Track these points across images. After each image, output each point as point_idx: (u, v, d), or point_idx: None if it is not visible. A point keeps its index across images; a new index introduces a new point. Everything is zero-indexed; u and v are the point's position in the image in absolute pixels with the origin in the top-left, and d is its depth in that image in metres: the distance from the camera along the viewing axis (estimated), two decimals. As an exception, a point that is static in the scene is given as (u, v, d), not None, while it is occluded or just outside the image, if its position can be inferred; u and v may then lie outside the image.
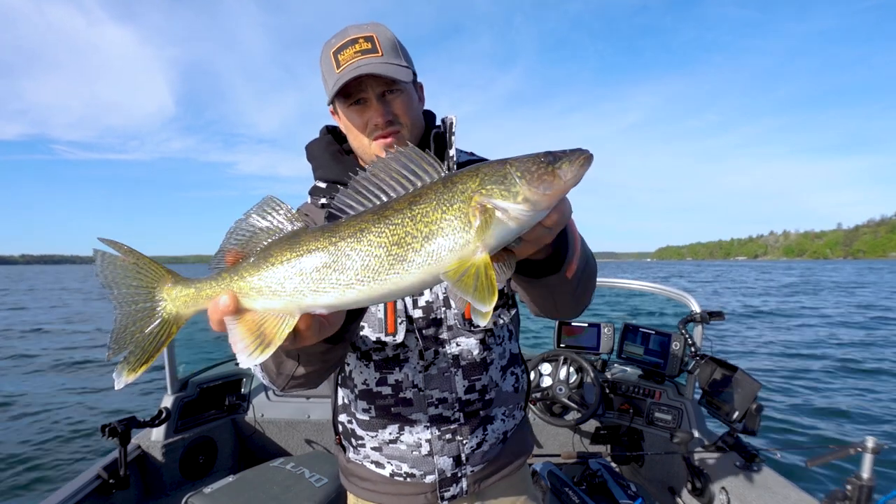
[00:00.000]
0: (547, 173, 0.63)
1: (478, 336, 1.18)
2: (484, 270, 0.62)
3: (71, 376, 9.18)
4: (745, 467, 2.43)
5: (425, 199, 0.64)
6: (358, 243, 0.64)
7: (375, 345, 1.14)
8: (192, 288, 0.70)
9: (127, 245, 0.70)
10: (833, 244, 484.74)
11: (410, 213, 0.64)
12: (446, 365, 1.16)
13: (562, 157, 0.65)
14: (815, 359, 10.20)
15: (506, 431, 1.27)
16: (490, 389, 1.21)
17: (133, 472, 2.64)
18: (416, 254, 0.63)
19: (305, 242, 0.67)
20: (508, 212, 0.63)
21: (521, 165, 0.65)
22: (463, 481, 1.21)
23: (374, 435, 1.20)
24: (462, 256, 0.63)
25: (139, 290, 0.71)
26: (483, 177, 0.65)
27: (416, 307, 1.15)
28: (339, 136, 1.25)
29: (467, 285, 0.61)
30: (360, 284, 0.64)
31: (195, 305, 0.71)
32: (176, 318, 0.71)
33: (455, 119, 1.18)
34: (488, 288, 0.61)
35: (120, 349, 0.70)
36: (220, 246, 0.72)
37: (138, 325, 0.70)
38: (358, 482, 1.26)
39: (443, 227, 0.63)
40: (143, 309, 0.71)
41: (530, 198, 0.63)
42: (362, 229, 0.64)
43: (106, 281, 0.70)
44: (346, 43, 1.05)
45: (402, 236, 0.63)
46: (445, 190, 0.64)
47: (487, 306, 0.60)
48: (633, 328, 3.37)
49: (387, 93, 1.08)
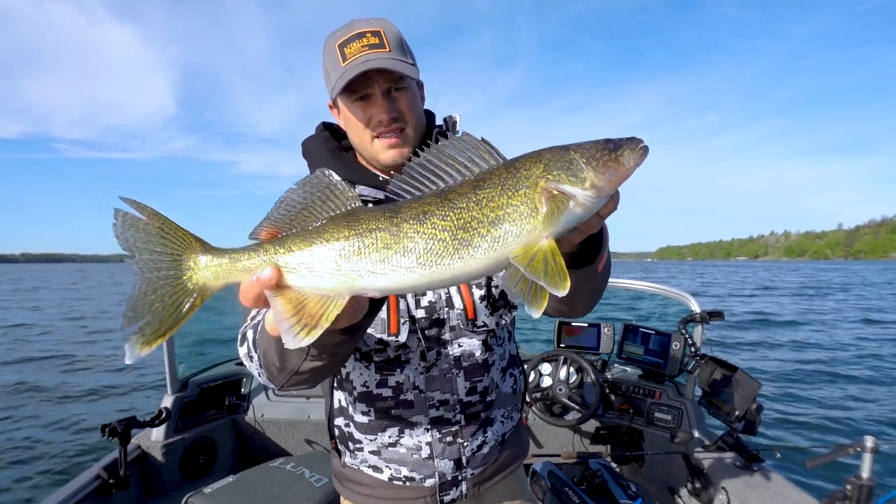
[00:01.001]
0: (612, 160, 0.63)
1: (480, 337, 1.16)
2: (552, 256, 0.61)
3: (71, 376, 9.18)
4: (745, 467, 2.43)
5: (489, 184, 0.63)
6: (422, 226, 0.62)
7: (377, 345, 1.12)
8: (226, 258, 0.66)
9: (151, 207, 0.65)
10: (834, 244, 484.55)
11: (475, 197, 0.62)
12: (448, 366, 1.14)
13: (623, 145, 0.64)
14: (814, 358, 10.20)
15: (504, 433, 1.25)
16: (491, 391, 1.20)
17: (133, 472, 2.63)
18: (483, 239, 0.61)
19: (365, 221, 0.64)
20: (577, 198, 0.62)
21: (586, 152, 0.64)
22: (463, 484, 1.19)
23: (373, 438, 1.17)
24: (528, 242, 0.61)
25: (163, 257, 0.66)
26: (547, 162, 0.63)
27: (418, 307, 1.13)
28: (337, 133, 1.22)
29: (538, 270, 0.59)
30: (422, 268, 0.62)
31: (227, 277, 0.66)
32: (202, 289, 0.66)
33: (459, 118, 1.18)
34: (559, 273, 0.59)
35: (136, 318, 0.65)
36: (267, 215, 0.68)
37: (159, 293, 0.65)
38: (353, 487, 1.24)
39: (509, 212, 0.62)
40: (167, 277, 0.66)
41: (597, 184, 0.62)
42: (426, 211, 0.62)
43: (126, 244, 0.65)
44: (353, 36, 1.03)
45: (468, 220, 0.62)
46: (509, 175, 0.63)
47: (563, 290, 0.58)
48: (633, 328, 3.37)
49: (392, 89, 1.06)
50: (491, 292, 1.16)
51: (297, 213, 0.67)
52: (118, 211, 0.65)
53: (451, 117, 1.19)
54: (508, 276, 0.63)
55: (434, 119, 1.24)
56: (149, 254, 0.66)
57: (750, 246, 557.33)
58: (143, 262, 0.66)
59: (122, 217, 0.65)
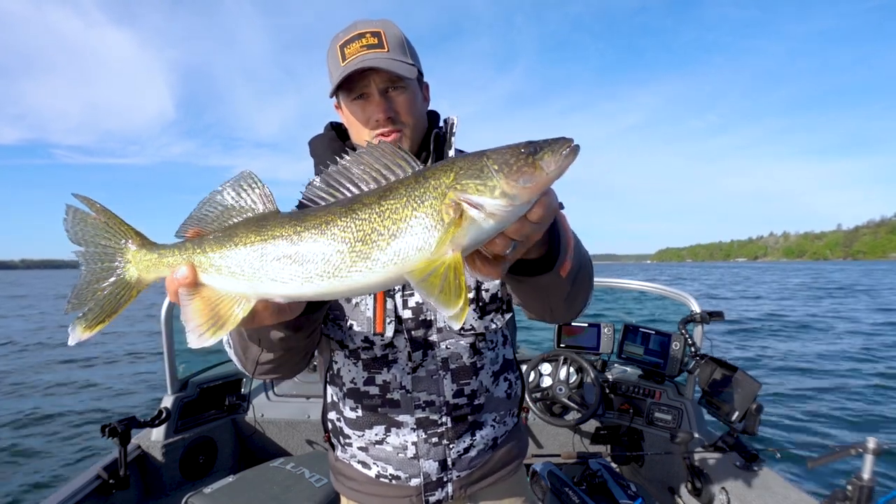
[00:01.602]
0: (527, 165, 0.59)
1: (468, 340, 1.15)
2: (453, 271, 0.58)
3: (70, 376, 9.17)
4: (745, 467, 2.43)
5: (395, 195, 0.61)
6: (322, 236, 0.62)
7: (363, 343, 1.12)
8: (156, 253, 0.69)
9: (100, 203, 0.70)
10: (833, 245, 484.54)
11: (379, 208, 0.61)
12: (435, 367, 1.14)
13: (544, 147, 0.61)
14: (815, 358, 10.20)
15: (496, 437, 1.24)
16: (480, 394, 1.18)
17: (133, 472, 2.63)
18: (382, 252, 0.60)
19: (271, 228, 0.65)
20: (484, 207, 0.59)
21: (500, 157, 0.60)
22: (448, 486, 1.18)
23: (361, 434, 1.18)
24: (431, 256, 0.59)
25: (106, 250, 0.70)
26: (458, 171, 0.61)
27: (405, 307, 1.13)
28: (343, 133, 1.23)
29: (432, 286, 0.57)
30: (320, 279, 0.62)
31: (156, 271, 0.69)
32: (137, 281, 0.70)
33: (456, 119, 1.17)
34: (455, 290, 0.57)
35: (80, 305, 0.69)
36: (190, 214, 0.71)
37: (101, 283, 0.70)
38: (345, 481, 1.25)
39: (411, 224, 0.60)
40: (108, 268, 0.70)
41: (508, 192, 0.58)
42: (328, 221, 0.62)
43: (75, 237, 0.70)
44: (354, 37, 1.05)
45: (368, 233, 0.60)
46: (417, 185, 0.61)
47: (451, 309, 0.56)
48: (633, 328, 3.37)
49: (390, 89, 1.07)
50: (480, 295, 1.15)
51: (219, 214, 0.69)
52: (69, 207, 0.69)
53: (449, 119, 1.19)
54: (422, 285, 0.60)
55: (438, 119, 1.23)
56: (94, 246, 0.70)
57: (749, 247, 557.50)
58: (88, 255, 0.70)
59: (72, 212, 0.69)
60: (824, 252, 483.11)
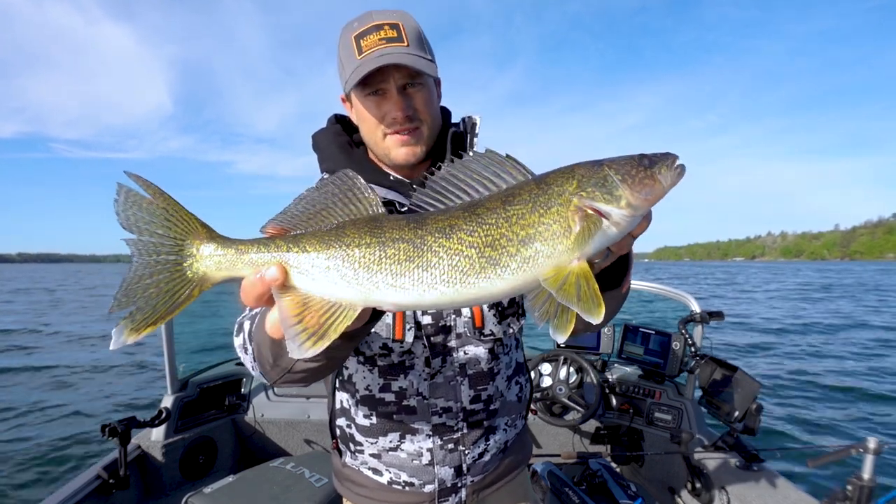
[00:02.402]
0: (648, 177, 0.60)
1: (487, 345, 1.14)
2: (585, 279, 0.57)
3: (70, 376, 9.18)
4: (745, 467, 2.43)
5: (520, 200, 0.59)
6: (447, 240, 0.58)
7: (381, 350, 1.09)
8: (233, 248, 0.62)
9: (158, 186, 0.61)
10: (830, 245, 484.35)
11: (505, 213, 0.58)
12: (453, 374, 1.12)
13: (659, 161, 0.61)
14: (815, 357, 10.20)
15: (507, 441, 1.24)
16: (495, 399, 1.17)
17: (133, 472, 2.63)
18: (512, 258, 0.58)
19: (389, 230, 0.60)
20: (612, 217, 0.59)
21: (621, 168, 0.60)
22: (462, 491, 1.18)
23: (374, 441, 1.16)
24: (559, 263, 0.58)
25: (164, 240, 0.61)
26: (580, 178, 0.60)
27: (425, 314, 1.10)
28: (348, 127, 1.19)
29: (570, 294, 0.56)
30: (445, 286, 0.58)
31: (230, 269, 0.62)
32: (202, 279, 0.62)
33: (479, 120, 1.14)
34: (593, 298, 0.56)
35: (127, 303, 0.60)
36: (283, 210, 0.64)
37: (155, 278, 0.61)
38: (353, 487, 1.23)
39: (541, 230, 0.58)
40: (166, 262, 0.61)
41: (633, 202, 0.59)
42: (452, 225, 0.59)
43: (127, 223, 0.61)
44: (370, 28, 0.98)
45: (497, 238, 0.58)
46: (541, 192, 0.59)
47: (597, 317, 0.55)
48: (633, 328, 3.37)
49: (408, 86, 1.02)
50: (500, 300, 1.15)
51: (315, 213, 0.63)
52: (122, 186, 0.61)
53: (471, 118, 1.16)
54: (534, 298, 0.60)
55: (450, 117, 1.20)
56: (150, 235, 0.62)
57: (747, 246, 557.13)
58: (142, 244, 0.62)
59: (125, 193, 0.61)
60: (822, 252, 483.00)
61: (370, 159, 1.15)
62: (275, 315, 0.64)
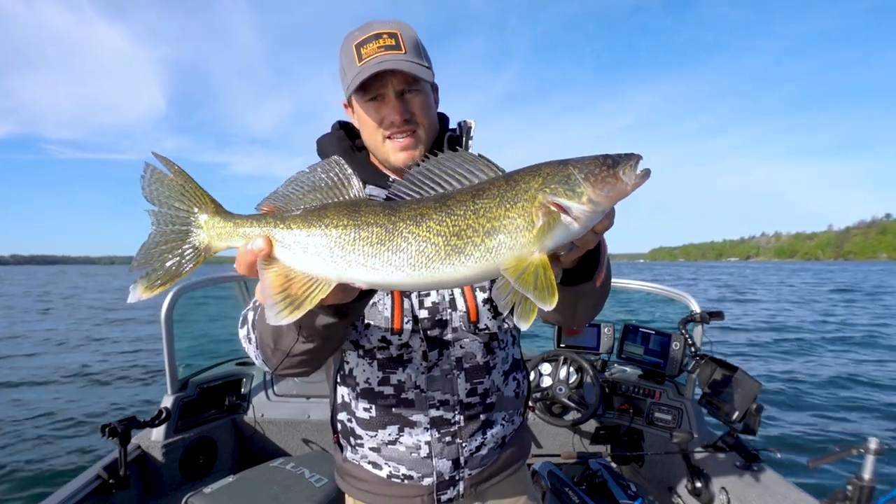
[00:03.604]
0: (610, 175, 0.63)
1: (482, 339, 1.17)
2: (543, 270, 0.62)
3: (70, 376, 9.17)
4: (745, 467, 2.43)
5: (488, 195, 0.64)
6: (417, 227, 0.64)
7: (380, 343, 1.13)
8: (231, 222, 0.70)
9: (179, 166, 0.71)
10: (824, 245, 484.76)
11: (473, 206, 0.64)
12: (449, 367, 1.15)
13: (622, 161, 0.65)
14: (816, 357, 10.20)
15: (504, 436, 1.26)
16: (492, 393, 1.20)
17: (133, 472, 2.63)
18: (476, 248, 0.63)
19: (365, 214, 0.66)
20: (571, 211, 0.63)
21: (584, 167, 0.65)
22: (460, 484, 1.20)
23: (374, 435, 1.18)
24: (520, 255, 0.62)
25: (179, 212, 0.71)
26: (546, 176, 0.65)
27: (422, 307, 1.14)
28: (351, 133, 1.25)
29: (528, 283, 0.61)
30: (411, 269, 0.64)
31: (228, 240, 0.70)
32: (207, 247, 0.71)
33: (474, 124, 1.19)
34: (548, 287, 0.60)
35: (145, 264, 0.70)
36: (274, 191, 0.71)
37: (169, 245, 0.70)
38: (354, 482, 1.25)
39: (505, 223, 0.63)
40: (179, 231, 0.71)
41: (594, 199, 0.63)
42: (423, 214, 0.65)
43: (150, 196, 0.71)
44: (370, 37, 1.05)
45: (464, 228, 0.63)
46: (508, 187, 0.65)
47: (550, 305, 0.60)
48: (633, 328, 3.37)
49: (406, 91, 1.08)
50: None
51: (304, 194, 0.70)
52: (148, 165, 0.70)
53: (466, 122, 1.20)
54: (499, 288, 0.64)
55: (448, 122, 1.25)
56: (167, 208, 0.71)
57: (741, 247, 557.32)
58: (161, 215, 0.71)
59: (150, 171, 0.70)
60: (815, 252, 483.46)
61: (372, 162, 1.21)
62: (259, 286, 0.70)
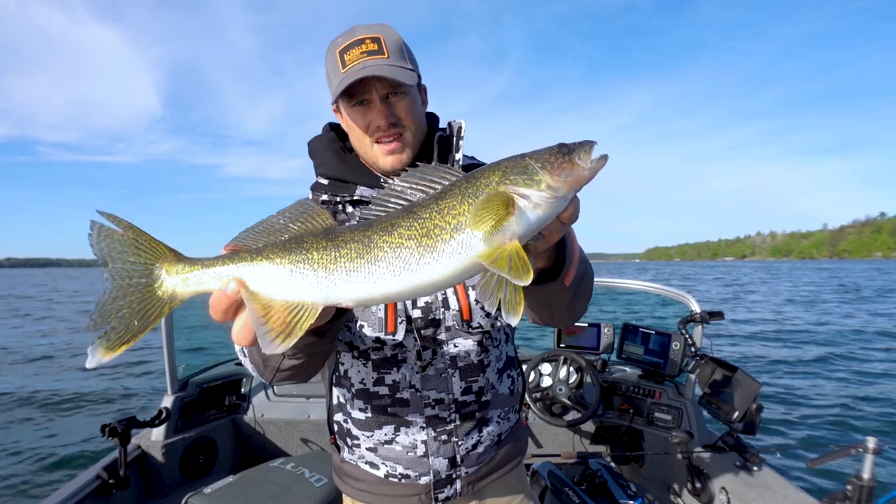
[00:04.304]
0: (566, 161, 0.66)
1: (476, 338, 1.17)
2: (516, 253, 0.63)
3: (70, 376, 9.18)
4: (745, 467, 2.43)
5: (451, 195, 0.66)
6: (389, 236, 0.66)
7: (374, 344, 1.13)
8: (199, 265, 0.68)
9: (127, 220, 0.68)
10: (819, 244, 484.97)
11: (437, 206, 0.66)
12: (444, 366, 1.15)
13: (576, 148, 0.67)
14: (815, 357, 10.20)
15: (500, 434, 1.26)
16: (486, 391, 1.20)
17: (133, 472, 2.63)
18: (446, 244, 0.65)
19: (341, 234, 0.67)
20: (531, 198, 0.65)
21: (540, 156, 0.67)
22: (457, 483, 1.20)
23: (370, 435, 1.19)
24: (492, 244, 0.64)
25: (136, 266, 0.68)
26: (504, 169, 0.67)
27: (415, 307, 1.15)
28: (342, 133, 1.25)
29: (502, 265, 0.62)
30: (392, 276, 0.65)
31: (199, 285, 0.68)
32: (171, 296, 0.68)
33: (464, 124, 1.19)
34: (523, 266, 0.62)
35: (102, 322, 0.65)
36: (244, 230, 0.70)
37: (128, 299, 0.67)
38: (351, 482, 1.26)
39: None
40: (137, 284, 0.67)
41: (552, 184, 0.65)
42: (393, 223, 0.66)
43: (101, 254, 0.68)
44: (353, 43, 1.05)
45: (431, 228, 0.65)
46: (469, 185, 0.67)
47: (525, 280, 0.61)
48: (633, 328, 3.37)
49: (391, 95, 1.09)
50: None
51: (274, 231, 0.70)
52: (94, 223, 0.68)
53: (455, 123, 1.20)
54: (482, 286, 0.66)
55: (437, 122, 1.25)
56: (122, 263, 0.68)
57: (737, 246, 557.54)
58: (115, 271, 0.68)
59: (97, 228, 0.68)
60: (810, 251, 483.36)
61: (363, 163, 1.21)
62: (240, 322, 0.69)
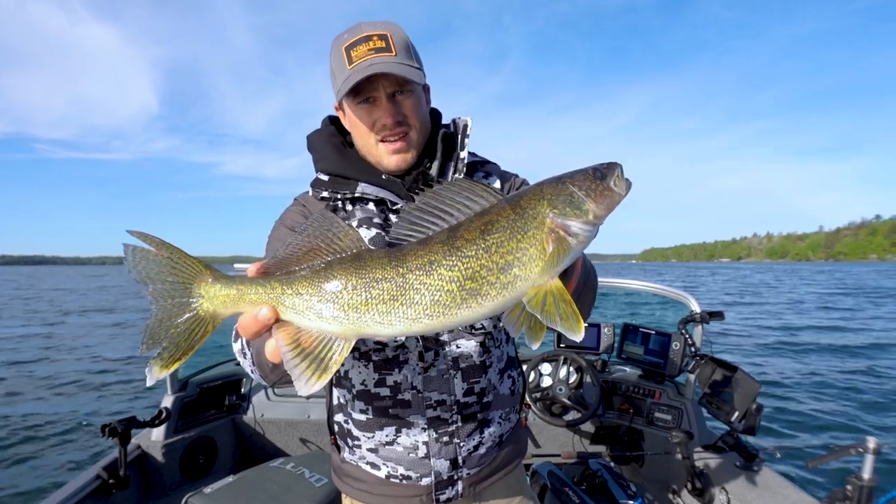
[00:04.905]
0: (606, 188, 0.63)
1: (478, 339, 1.16)
2: (561, 297, 0.60)
3: (70, 376, 9.17)
4: (745, 467, 2.43)
5: (498, 227, 0.62)
6: (428, 277, 0.62)
7: (376, 345, 1.12)
8: (234, 289, 0.68)
9: (158, 237, 0.68)
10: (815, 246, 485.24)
11: (484, 243, 0.62)
12: (446, 367, 1.15)
13: (608, 173, 0.65)
14: (815, 357, 10.19)
15: (502, 434, 1.26)
16: (488, 392, 1.20)
17: (133, 472, 2.63)
18: (492, 287, 0.61)
19: (371, 270, 0.64)
20: (573, 229, 0.62)
21: (582, 183, 0.64)
22: (459, 484, 1.20)
23: (371, 436, 1.18)
24: (537, 284, 0.61)
25: (175, 286, 0.69)
26: (550, 198, 0.63)
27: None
28: (342, 128, 1.24)
29: (552, 314, 0.59)
30: (429, 319, 0.62)
31: (235, 307, 0.69)
32: (213, 316, 0.69)
33: (470, 122, 1.18)
34: (573, 315, 0.59)
35: (154, 344, 0.68)
36: (273, 254, 0.70)
37: (173, 320, 0.69)
38: (352, 483, 1.25)
39: (519, 256, 0.61)
40: (179, 304, 0.69)
41: (597, 213, 0.63)
42: (432, 261, 0.62)
43: (140, 277, 0.68)
44: (360, 40, 1.04)
45: (477, 269, 0.61)
46: (517, 216, 0.63)
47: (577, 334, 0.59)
48: (633, 328, 3.37)
49: (397, 93, 1.08)
50: None
51: (303, 255, 0.69)
52: (128, 246, 0.68)
53: (460, 120, 1.19)
54: (509, 314, 0.64)
55: (440, 118, 1.24)
56: (161, 283, 0.69)
57: (733, 248, 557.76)
58: (156, 292, 0.69)
59: (132, 252, 0.68)
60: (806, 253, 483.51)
61: (364, 158, 1.19)
62: (273, 343, 0.69)
